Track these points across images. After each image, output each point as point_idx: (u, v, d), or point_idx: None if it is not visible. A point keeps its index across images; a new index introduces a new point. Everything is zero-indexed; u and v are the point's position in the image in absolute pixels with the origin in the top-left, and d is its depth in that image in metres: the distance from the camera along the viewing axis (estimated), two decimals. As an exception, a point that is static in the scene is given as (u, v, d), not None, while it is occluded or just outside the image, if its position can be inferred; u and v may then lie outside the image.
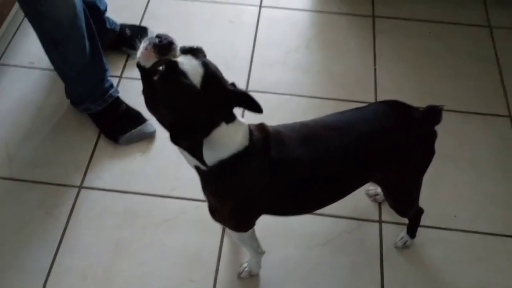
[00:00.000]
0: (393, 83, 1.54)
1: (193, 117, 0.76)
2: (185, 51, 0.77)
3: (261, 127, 0.88)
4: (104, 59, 1.36)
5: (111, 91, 1.39)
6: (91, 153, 1.37)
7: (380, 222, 1.25)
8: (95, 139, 1.39)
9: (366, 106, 0.97)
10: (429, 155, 0.96)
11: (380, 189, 1.25)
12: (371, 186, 1.26)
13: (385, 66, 1.59)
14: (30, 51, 1.58)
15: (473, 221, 1.25)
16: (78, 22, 1.20)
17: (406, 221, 1.17)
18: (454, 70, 1.58)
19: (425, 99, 1.49)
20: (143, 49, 0.76)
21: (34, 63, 1.56)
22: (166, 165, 1.34)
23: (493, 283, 1.16)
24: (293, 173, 0.88)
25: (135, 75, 0.79)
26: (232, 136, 0.82)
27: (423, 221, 1.17)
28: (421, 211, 1.14)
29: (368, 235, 1.22)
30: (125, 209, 1.26)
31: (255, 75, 1.55)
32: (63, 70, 1.33)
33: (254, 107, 0.83)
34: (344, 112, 0.95)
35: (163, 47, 0.75)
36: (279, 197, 0.92)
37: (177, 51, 0.77)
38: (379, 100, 1.49)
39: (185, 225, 1.23)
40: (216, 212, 0.96)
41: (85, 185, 1.30)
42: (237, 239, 1.07)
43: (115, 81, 1.48)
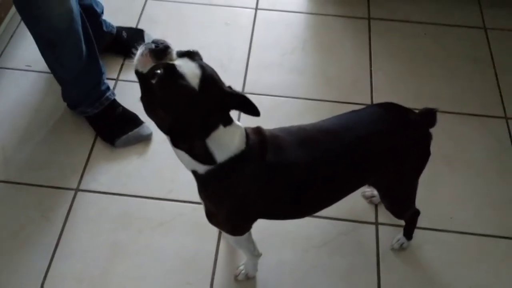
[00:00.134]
0: (388, 85, 1.55)
1: (192, 119, 0.76)
2: (182, 54, 0.78)
3: (257, 130, 0.88)
4: (100, 62, 1.37)
5: (107, 94, 1.39)
6: (87, 155, 1.36)
7: (376, 224, 1.25)
8: (92, 141, 1.39)
9: (362, 109, 0.97)
10: (425, 156, 0.97)
11: (376, 191, 1.25)
12: (367, 187, 1.26)
13: (381, 67, 1.59)
14: (26, 54, 1.58)
15: (469, 222, 1.25)
16: (74, 26, 1.20)
17: (402, 223, 1.17)
18: (449, 71, 1.59)
19: (421, 100, 1.49)
20: (139, 55, 0.77)
21: (30, 66, 1.56)
22: (162, 168, 1.34)
23: (489, 284, 1.16)
24: (290, 176, 0.88)
25: (131, 78, 0.80)
26: (229, 139, 0.82)
27: (420, 223, 1.17)
28: (417, 213, 1.14)
29: (364, 237, 1.22)
30: (121, 211, 1.26)
31: (251, 77, 1.56)
32: (60, 73, 1.33)
33: (251, 110, 0.83)
34: (340, 115, 0.95)
35: (160, 52, 0.76)
36: (276, 201, 0.92)
37: (174, 55, 0.77)
38: (375, 101, 1.50)
39: (181, 227, 1.23)
40: (212, 216, 0.96)
41: (82, 187, 1.30)
42: (233, 242, 1.07)
43: (111, 83, 1.48)
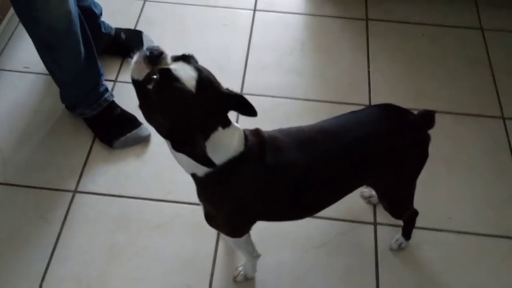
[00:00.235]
0: (386, 85, 1.55)
1: (191, 121, 0.76)
2: (177, 58, 0.78)
3: (256, 132, 0.88)
4: (99, 63, 1.37)
5: (106, 95, 1.39)
6: (85, 157, 1.36)
7: (375, 224, 1.25)
8: (90, 143, 1.39)
9: (361, 110, 0.98)
10: (423, 158, 0.97)
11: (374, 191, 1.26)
12: (366, 188, 1.26)
13: (379, 68, 1.60)
14: (24, 56, 1.58)
15: (467, 222, 1.26)
16: (73, 28, 1.20)
17: (401, 223, 1.18)
18: (447, 71, 1.60)
19: (419, 101, 1.50)
20: (134, 63, 0.77)
21: (28, 68, 1.56)
22: (161, 169, 1.33)
23: (488, 284, 1.16)
24: (288, 178, 0.88)
25: (130, 79, 0.80)
26: (228, 141, 0.82)
27: (418, 222, 1.17)
28: (415, 213, 1.14)
29: (363, 238, 1.23)
30: (120, 213, 1.26)
31: (249, 78, 1.56)
32: (58, 75, 1.33)
33: (248, 110, 0.83)
34: (339, 116, 0.95)
35: (154, 57, 0.76)
36: (275, 202, 0.92)
37: (169, 60, 0.77)
38: (373, 102, 1.50)
39: (180, 229, 1.23)
40: (212, 218, 0.95)
41: (80, 189, 1.30)
42: (232, 244, 1.07)
43: (110, 85, 1.48)
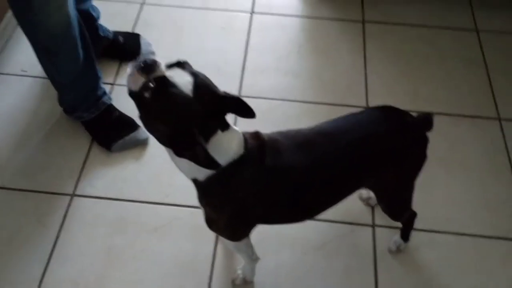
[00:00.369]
0: (383, 87, 1.56)
1: (191, 125, 0.76)
2: (171, 65, 0.79)
3: (255, 135, 0.88)
4: (97, 66, 1.36)
5: (104, 99, 1.39)
6: (83, 160, 1.36)
7: (373, 226, 1.25)
8: (88, 146, 1.39)
9: (360, 111, 0.98)
10: (421, 159, 0.98)
11: (373, 193, 1.26)
12: (364, 190, 1.26)
13: (376, 70, 1.60)
14: (22, 59, 1.58)
15: (465, 223, 1.26)
16: (72, 31, 1.19)
17: (399, 225, 1.18)
18: (443, 73, 1.61)
19: (416, 102, 1.51)
20: (129, 75, 0.78)
21: (26, 71, 1.56)
22: (159, 172, 1.33)
23: (486, 285, 1.16)
24: (288, 180, 0.88)
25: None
26: (228, 144, 0.82)
27: (416, 224, 1.17)
28: (414, 215, 1.15)
29: (361, 239, 1.23)
30: (117, 216, 1.25)
31: (247, 80, 1.56)
32: (56, 78, 1.32)
33: (246, 112, 0.83)
34: (338, 118, 0.96)
35: (148, 67, 0.76)
36: (275, 205, 0.92)
37: (163, 67, 0.78)
38: (370, 104, 1.51)
39: (178, 232, 1.23)
40: (212, 222, 0.95)
41: (78, 193, 1.30)
42: (232, 247, 1.07)
43: (107, 88, 1.48)
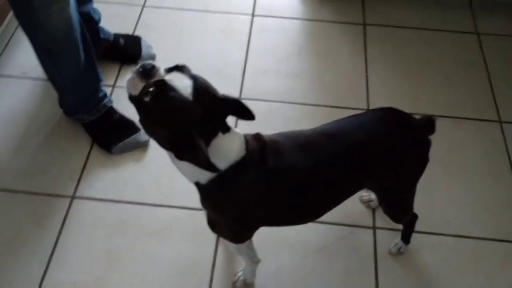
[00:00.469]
0: (384, 89, 1.56)
1: (191, 128, 0.76)
2: (170, 69, 0.79)
3: (257, 136, 0.88)
4: (98, 69, 1.37)
5: (105, 101, 1.39)
6: (84, 162, 1.36)
7: (374, 228, 1.25)
8: (88, 148, 1.39)
9: (362, 113, 0.98)
10: (424, 162, 0.98)
11: (374, 195, 1.26)
12: (365, 192, 1.26)
13: (376, 72, 1.61)
14: (22, 61, 1.58)
15: (465, 226, 1.26)
16: (73, 33, 1.20)
17: (400, 227, 1.18)
18: (444, 76, 1.61)
19: (416, 105, 1.51)
20: (129, 81, 0.78)
21: (26, 73, 1.56)
22: (159, 174, 1.33)
23: (486, 287, 1.16)
24: (290, 181, 0.88)
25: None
26: (229, 146, 0.82)
27: (417, 226, 1.17)
28: (415, 217, 1.14)
29: (362, 242, 1.22)
30: (117, 218, 1.25)
31: (248, 83, 1.56)
32: (57, 80, 1.32)
33: (246, 114, 0.84)
34: (340, 119, 0.96)
35: (147, 71, 0.77)
36: (278, 206, 0.91)
37: (162, 72, 0.78)
38: (371, 106, 1.51)
39: (178, 234, 1.23)
40: (215, 225, 0.95)
41: (78, 195, 1.29)
42: (234, 249, 1.06)
43: (108, 90, 1.48)
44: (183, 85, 0.76)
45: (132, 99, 0.79)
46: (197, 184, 0.87)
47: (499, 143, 1.44)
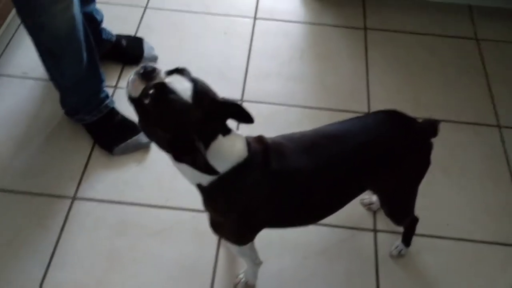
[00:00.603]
0: (385, 93, 1.57)
1: (190, 131, 0.77)
2: (170, 72, 0.79)
3: (259, 139, 0.88)
4: (100, 70, 1.37)
5: (106, 102, 1.39)
6: (85, 163, 1.36)
7: (375, 231, 1.26)
8: (89, 149, 1.39)
9: (365, 115, 0.99)
10: (425, 164, 0.99)
11: (374, 198, 1.26)
12: (366, 195, 1.27)
13: (377, 76, 1.62)
14: (23, 61, 1.57)
15: (465, 229, 1.27)
16: (76, 34, 1.20)
17: (400, 229, 1.18)
18: (443, 80, 1.62)
19: (417, 108, 1.52)
20: (129, 82, 0.79)
21: (27, 73, 1.55)
22: (160, 176, 1.33)
23: (487, 290, 1.17)
24: (293, 183, 0.88)
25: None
26: (229, 148, 0.82)
27: (417, 229, 1.17)
28: (416, 220, 1.15)
29: (363, 244, 1.23)
30: (118, 220, 1.25)
31: (250, 86, 1.57)
32: (59, 81, 1.32)
33: (245, 118, 0.84)
34: (343, 121, 0.96)
35: (148, 73, 0.77)
36: (281, 208, 0.92)
37: (162, 74, 0.78)
38: (372, 110, 1.52)
39: (179, 235, 1.23)
40: (218, 226, 0.95)
41: (79, 195, 1.29)
42: (236, 251, 1.06)
43: (110, 91, 1.48)
44: (183, 88, 0.76)
45: (132, 100, 0.79)
46: (199, 186, 0.87)
47: (498, 147, 1.45)
